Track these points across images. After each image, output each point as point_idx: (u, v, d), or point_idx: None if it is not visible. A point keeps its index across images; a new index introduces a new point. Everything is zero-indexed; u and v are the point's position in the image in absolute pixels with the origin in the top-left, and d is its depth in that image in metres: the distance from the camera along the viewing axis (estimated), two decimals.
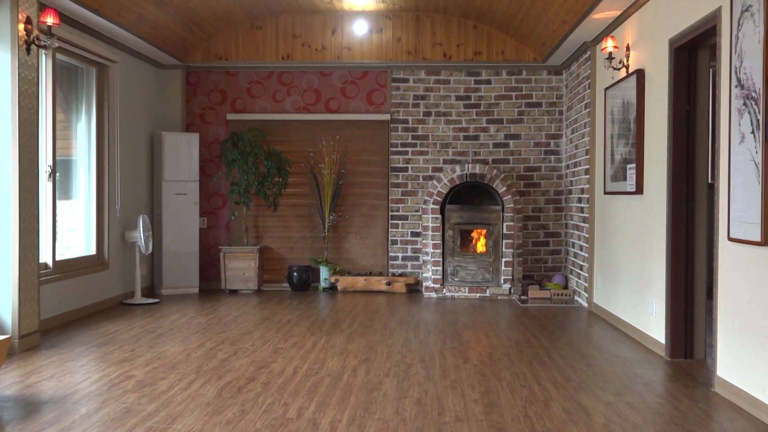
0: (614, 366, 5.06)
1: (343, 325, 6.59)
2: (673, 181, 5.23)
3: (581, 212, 7.90)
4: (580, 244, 7.91)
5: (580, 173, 7.94)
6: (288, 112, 9.06)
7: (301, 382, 4.58)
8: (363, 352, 5.43)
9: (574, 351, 5.55)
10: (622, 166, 6.32)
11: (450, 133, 8.96)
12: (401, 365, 5.04)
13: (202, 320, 6.79)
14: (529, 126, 8.93)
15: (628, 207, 6.25)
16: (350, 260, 9.08)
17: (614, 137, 6.60)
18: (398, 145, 8.99)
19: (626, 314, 6.30)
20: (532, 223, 8.91)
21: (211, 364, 5.02)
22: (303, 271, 8.82)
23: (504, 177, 8.39)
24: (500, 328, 6.55)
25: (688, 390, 4.46)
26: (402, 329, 6.40)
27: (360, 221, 9.08)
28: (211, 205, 9.13)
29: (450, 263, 8.44)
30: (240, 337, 5.97)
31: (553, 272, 8.85)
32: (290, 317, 6.97)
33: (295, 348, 5.58)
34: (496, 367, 5.01)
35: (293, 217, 9.09)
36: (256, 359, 5.19)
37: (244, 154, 8.60)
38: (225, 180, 9.01)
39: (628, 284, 6.25)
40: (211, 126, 9.10)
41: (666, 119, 5.34)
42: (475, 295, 8.32)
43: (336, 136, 8.96)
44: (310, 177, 9.01)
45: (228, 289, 8.68)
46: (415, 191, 8.98)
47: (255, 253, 8.67)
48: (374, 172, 9.06)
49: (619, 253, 6.54)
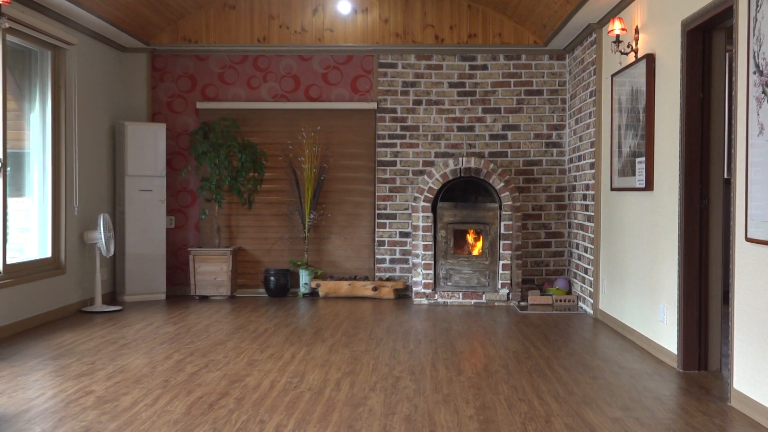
0: (622, 378, 5.08)
1: (325, 334, 6.58)
2: (685, 177, 5.26)
3: (586, 210, 7.93)
4: (585, 245, 7.94)
5: (585, 168, 7.97)
6: (264, 100, 9.04)
7: (278, 397, 4.57)
8: (347, 364, 5.43)
9: (578, 362, 5.56)
10: (630, 159, 6.35)
11: (442, 124, 8.96)
12: (389, 378, 5.03)
13: (169, 329, 6.76)
14: (529, 116, 8.95)
15: (637, 204, 6.28)
16: (333, 263, 9.07)
17: (622, 128, 6.63)
18: (386, 137, 8.99)
19: (635, 322, 6.33)
20: (533, 222, 8.93)
21: (180, 378, 5.00)
22: (281, 276, 8.80)
23: (501, 172, 8.40)
24: (497, 337, 6.56)
25: (702, 404, 4.49)
26: (390, 339, 6.40)
27: (343, 220, 9.07)
28: (180, 202, 9.10)
29: (442, 266, 8.45)
30: (211, 348, 5.95)
31: (555, 276, 8.88)
32: (267, 326, 6.95)
33: (272, 360, 5.57)
34: (492, 379, 5.02)
35: (270, 216, 9.07)
36: (229, 372, 5.17)
37: (216, 147, 8.58)
38: (195, 175, 8.98)
39: (637, 289, 6.28)
40: (179, 116, 9.07)
41: (678, 108, 5.36)
42: (469, 301, 8.34)
43: (317, 127, 8.94)
44: (289, 172, 9.00)
45: (198, 295, 8.66)
46: (404, 187, 8.98)
47: (228, 255, 8.64)
48: (359, 166, 9.05)
49: (627, 254, 6.57)
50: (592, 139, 7.62)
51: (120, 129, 8.51)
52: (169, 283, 8.93)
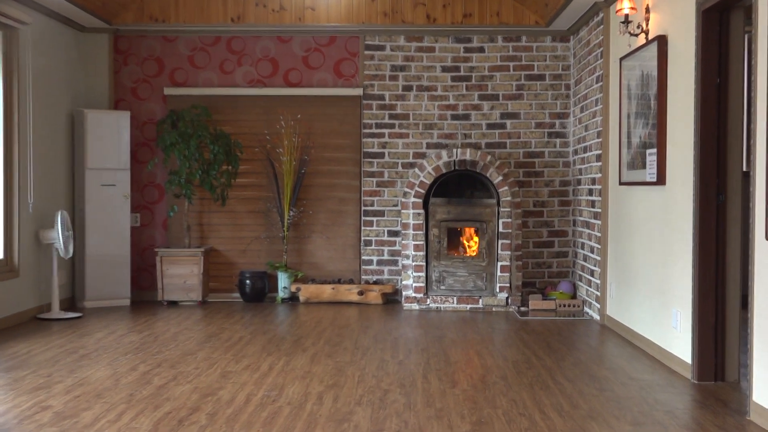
0: (631, 390, 5.10)
1: (306, 343, 6.58)
2: (701, 170, 5.27)
3: (592, 206, 7.95)
4: (591, 244, 7.97)
5: (591, 160, 7.99)
6: (239, 85, 9.02)
7: (255, 412, 4.56)
8: (330, 376, 5.43)
9: (584, 373, 5.58)
10: (640, 151, 6.37)
11: (435, 112, 8.97)
12: (376, 391, 5.04)
13: (134, 338, 6.74)
14: (530, 103, 8.97)
15: (648, 200, 6.30)
16: (315, 265, 9.06)
17: (631, 117, 6.65)
18: (372, 126, 8.99)
19: (645, 328, 6.35)
20: (534, 219, 8.95)
21: (146, 392, 4.99)
22: (257, 279, 8.79)
23: (500, 164, 8.41)
24: (495, 346, 6.57)
25: (719, 419, 4.51)
26: (377, 348, 6.40)
27: (326, 218, 9.06)
28: (146, 198, 9.07)
29: (435, 268, 8.46)
30: (181, 359, 5.94)
31: (558, 279, 8.91)
32: (242, 334, 6.94)
33: (248, 371, 5.56)
34: (490, 392, 5.03)
35: (245, 213, 9.05)
36: (201, 385, 5.16)
37: (186, 137, 8.55)
38: (162, 168, 8.95)
39: (648, 292, 6.30)
40: (144, 103, 9.03)
41: (692, 95, 5.38)
42: (465, 306, 8.35)
43: (297, 115, 8.93)
44: (266, 164, 8.98)
45: (166, 301, 8.64)
46: (393, 181, 8.98)
47: (199, 256, 8.62)
48: (344, 158, 9.04)
49: (636, 255, 6.59)
50: (599, 129, 7.64)
51: (79, 117, 8.47)
52: (134, 287, 8.90)
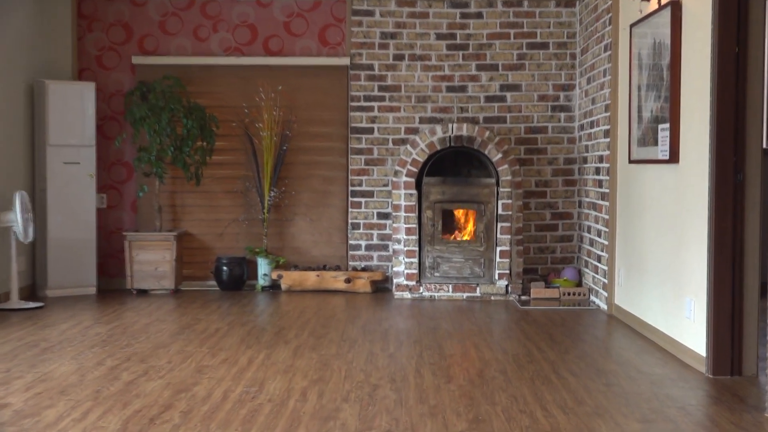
0: (640, 385, 5.13)
1: (289, 335, 6.59)
2: (717, 146, 5.28)
3: (599, 187, 7.96)
4: (598, 227, 7.98)
5: (599, 135, 8.00)
6: (214, 54, 8.98)
7: (233, 409, 4.57)
8: (315, 370, 5.44)
9: (589, 366, 5.61)
10: (652, 126, 6.38)
11: (429, 83, 8.95)
12: (365, 386, 5.05)
13: (101, 330, 6.73)
14: (532, 74, 8.96)
15: (660, 179, 6.31)
16: (298, 250, 9.06)
17: (642, 89, 6.65)
18: (360, 99, 8.96)
19: (656, 318, 6.38)
20: (536, 201, 8.96)
21: (114, 388, 4.99)
22: (235, 265, 8.79)
23: (499, 141, 8.41)
24: (494, 338, 6.59)
25: (735, 415, 4.54)
26: (366, 340, 6.42)
27: (310, 199, 9.05)
28: (113, 177, 9.03)
29: (429, 253, 8.47)
30: (152, 352, 5.94)
31: (562, 265, 8.93)
32: (219, 325, 6.94)
33: (226, 365, 5.56)
34: (488, 387, 5.05)
35: (222, 194, 9.04)
36: (174, 381, 5.17)
37: (156, 110, 8.51)
38: (131, 144, 8.91)
39: (659, 280, 6.33)
40: (111, 73, 8.98)
41: (709, 65, 5.38)
42: (461, 294, 8.37)
43: (278, 87, 8.90)
44: (245, 140, 8.96)
45: (136, 289, 8.63)
46: (383, 159, 8.97)
47: (171, 241, 8.61)
48: (329, 134, 9.03)
49: (647, 239, 6.61)
50: (607, 102, 7.64)
51: (40, 89, 8.42)
52: (101, 274, 8.88)
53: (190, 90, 8.85)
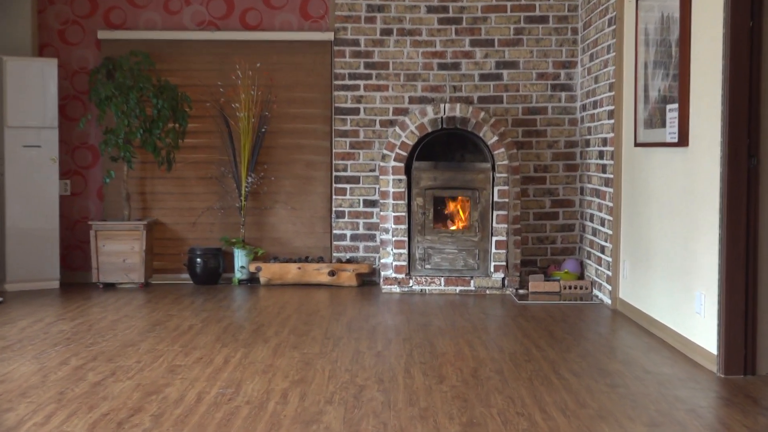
0: (647, 386, 5.14)
1: (268, 332, 6.58)
2: (729, 128, 5.29)
3: (603, 172, 7.97)
4: (601, 216, 8.00)
5: (602, 117, 8.00)
6: (187, 28, 8.94)
7: (208, 412, 4.56)
8: (296, 371, 5.44)
9: (592, 365, 5.62)
10: (659, 106, 6.38)
11: (419, 60, 8.94)
12: (350, 388, 5.05)
13: (64, 327, 6.72)
14: (531, 50, 8.95)
15: (668, 164, 6.32)
16: (278, 241, 9.05)
17: (649, 66, 6.66)
18: (345, 77, 8.95)
19: (664, 314, 6.40)
20: (535, 187, 8.97)
21: (79, 390, 4.98)
22: (210, 257, 8.78)
23: (495, 122, 8.41)
24: (489, 335, 6.60)
25: (749, 418, 4.55)
26: (351, 337, 6.42)
27: (291, 185, 9.04)
28: (77, 162, 9.00)
29: (419, 244, 8.47)
30: (120, 351, 5.93)
31: (563, 256, 8.95)
32: (192, 322, 6.94)
33: (200, 365, 5.56)
34: (483, 388, 5.05)
35: (195, 180, 9.02)
36: (144, 382, 5.16)
37: (124, 89, 8.48)
38: (96, 126, 8.88)
39: (667, 272, 6.34)
40: (75, 48, 8.94)
41: (721, 41, 5.38)
42: (454, 288, 8.38)
43: (256, 64, 8.87)
44: (220, 122, 8.94)
45: (102, 283, 8.61)
46: (370, 142, 8.96)
47: (140, 230, 8.59)
48: (312, 115, 9.01)
49: (654, 228, 6.63)
50: (611, 81, 7.65)
51: None
52: (64, 267, 8.85)
53: (160, 67, 8.82)
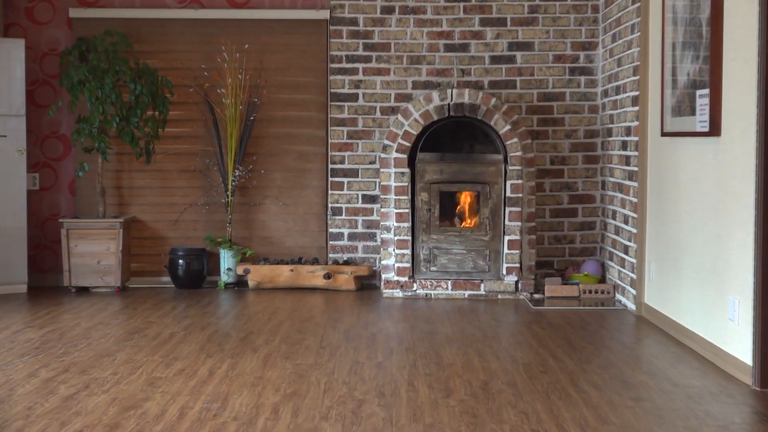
0: (675, 400, 5.14)
1: (258, 341, 6.59)
2: (766, 116, 5.28)
3: (626, 164, 7.97)
4: (625, 213, 7.99)
5: (625, 104, 8.00)
6: (167, 6, 8.95)
7: (191, 430, 4.56)
8: (288, 383, 5.44)
9: (615, 377, 5.62)
10: (688, 92, 6.38)
11: (424, 41, 8.93)
12: (348, 402, 5.05)
13: (33, 336, 6.72)
14: (547, 30, 8.95)
15: (698, 155, 6.32)
16: (268, 240, 9.06)
17: (677, 47, 6.65)
18: (342, 60, 8.95)
19: (694, 321, 6.40)
20: (552, 181, 8.97)
21: (49, 405, 4.98)
22: (194, 258, 8.78)
23: (507, 110, 8.41)
24: (501, 344, 6.60)
25: None
26: (349, 347, 6.42)
27: (283, 179, 9.04)
28: (47, 153, 9.00)
29: (424, 244, 8.47)
30: (95, 362, 5.93)
31: (583, 257, 8.95)
32: (174, 329, 6.94)
33: (182, 377, 5.56)
34: (494, 403, 5.06)
35: (177, 173, 9.03)
36: (121, 395, 5.16)
37: (98, 73, 8.47)
38: (68, 114, 8.88)
39: (697, 275, 6.34)
40: (44, 28, 8.95)
41: (756, 18, 5.38)
42: (462, 292, 8.38)
43: (244, 46, 8.87)
44: (204, 109, 8.94)
45: (74, 287, 8.61)
46: (370, 132, 8.96)
47: (117, 229, 8.59)
48: (305, 101, 9.01)
49: (683, 227, 6.62)
50: (636, 63, 7.64)
51: None
52: (33, 269, 8.86)
53: (138, 49, 8.82)
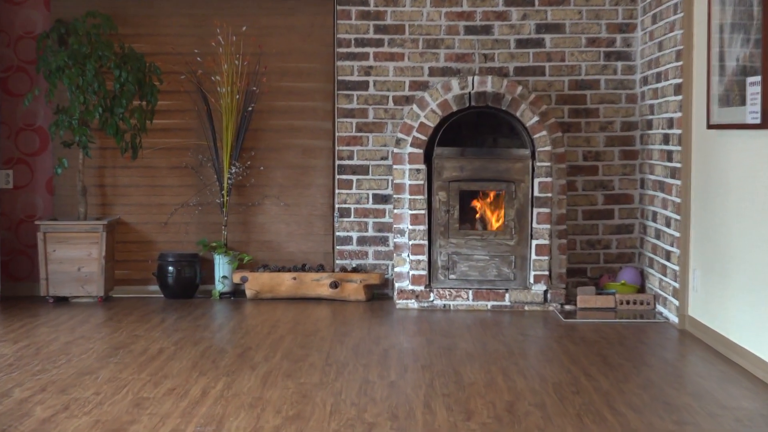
0: (723, 424, 5.13)
1: (256, 357, 6.59)
2: None
3: (668, 160, 7.95)
4: (667, 215, 7.98)
5: (667, 92, 7.99)
6: None
7: None
8: (290, 404, 5.44)
9: (656, 399, 5.61)
10: (738, 80, 6.37)
11: (442, 23, 8.93)
12: (357, 425, 5.05)
13: (6, 351, 6.74)
14: (579, 10, 8.93)
15: (749, 151, 6.31)
16: (268, 245, 9.07)
17: (725, 29, 6.64)
18: (351, 44, 8.95)
19: (744, 336, 6.38)
20: (584, 179, 8.96)
21: (25, 428, 4.99)
22: (185, 265, 8.80)
23: (535, 99, 8.40)
24: (528, 361, 6.60)
25: None
26: (359, 364, 6.42)
27: (285, 177, 9.06)
28: (22, 148, 9.04)
29: (442, 249, 8.47)
30: (75, 381, 5.94)
31: (619, 264, 8.94)
32: (163, 344, 6.95)
33: (172, 398, 5.57)
34: (520, 426, 5.05)
35: (167, 170, 9.05)
36: (104, 418, 5.17)
37: (79, 59, 8.49)
38: (45, 104, 8.90)
39: (747, 284, 6.32)
40: (19, 9, 8.98)
41: None
42: (485, 303, 8.38)
43: (242, 28, 8.89)
44: (197, 99, 8.96)
45: (52, 297, 8.63)
46: (382, 124, 8.96)
47: (100, 232, 8.60)
48: (310, 90, 9.03)
49: (732, 230, 6.61)
50: (679, 47, 7.63)
51: None
52: (6, 277, 8.89)
53: (123, 32, 8.83)
